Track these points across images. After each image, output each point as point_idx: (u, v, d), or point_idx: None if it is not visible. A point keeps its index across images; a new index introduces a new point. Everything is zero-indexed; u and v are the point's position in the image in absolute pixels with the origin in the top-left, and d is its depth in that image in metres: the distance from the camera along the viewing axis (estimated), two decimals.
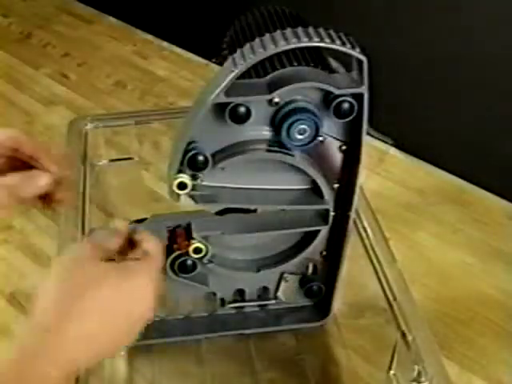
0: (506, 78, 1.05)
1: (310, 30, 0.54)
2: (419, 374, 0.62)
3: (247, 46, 0.54)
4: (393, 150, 1.23)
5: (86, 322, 0.44)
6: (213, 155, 0.60)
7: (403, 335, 0.66)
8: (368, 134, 0.60)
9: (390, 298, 0.69)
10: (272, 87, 0.56)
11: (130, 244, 0.53)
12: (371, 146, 1.19)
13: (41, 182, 0.56)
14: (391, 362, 0.68)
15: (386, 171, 1.18)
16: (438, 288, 0.97)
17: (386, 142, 1.23)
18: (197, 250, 0.68)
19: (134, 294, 0.47)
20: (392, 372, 0.69)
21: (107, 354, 0.48)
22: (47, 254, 1.00)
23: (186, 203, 0.64)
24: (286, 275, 0.76)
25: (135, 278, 0.48)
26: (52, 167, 0.57)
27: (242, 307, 0.80)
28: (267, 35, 0.54)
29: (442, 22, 1.07)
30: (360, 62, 0.55)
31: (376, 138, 1.22)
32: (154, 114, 0.98)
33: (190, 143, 0.59)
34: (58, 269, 0.47)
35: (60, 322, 0.44)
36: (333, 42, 0.53)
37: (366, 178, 0.75)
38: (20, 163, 0.57)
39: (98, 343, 0.45)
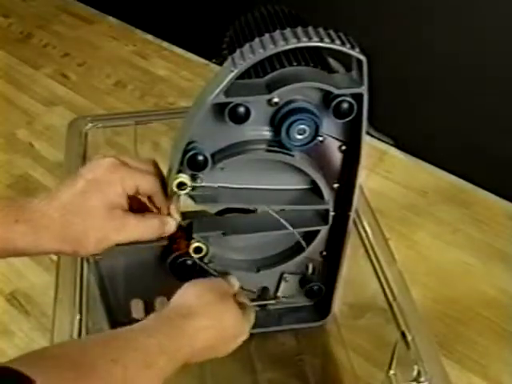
0: (506, 78, 1.05)
1: (310, 29, 0.54)
2: (419, 373, 0.62)
3: (247, 45, 0.54)
4: (393, 150, 1.23)
5: (212, 327, 0.56)
6: (212, 155, 0.60)
7: (403, 335, 0.66)
8: (368, 133, 0.60)
9: (390, 297, 0.69)
10: (271, 87, 0.56)
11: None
12: (371, 145, 1.19)
13: (171, 229, 0.63)
14: (391, 361, 0.68)
15: (386, 171, 1.18)
16: (438, 288, 0.97)
17: (386, 142, 1.23)
18: (197, 250, 0.68)
19: (240, 334, 0.61)
20: (392, 372, 0.69)
21: (205, 358, 0.58)
22: (47, 255, 1.00)
23: (185, 203, 0.64)
24: (285, 275, 0.76)
25: (245, 324, 0.62)
26: (175, 215, 0.64)
27: None
28: (267, 35, 0.54)
29: (443, 22, 1.07)
30: (360, 62, 0.54)
31: (376, 137, 1.22)
32: (154, 114, 0.98)
33: (189, 143, 0.58)
34: (206, 285, 0.60)
35: (195, 315, 0.55)
36: (332, 41, 0.53)
37: (365, 178, 0.75)
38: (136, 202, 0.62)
39: (210, 347, 0.57)
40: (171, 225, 0.63)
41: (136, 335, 0.50)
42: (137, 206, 0.62)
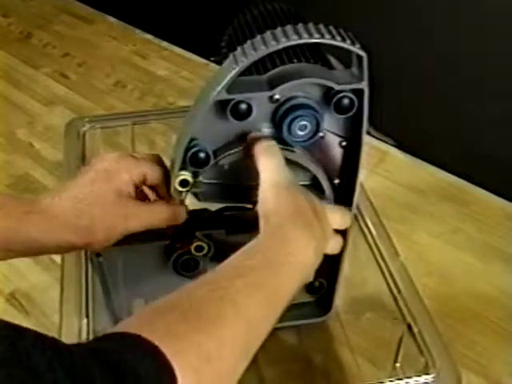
0: (505, 78, 1.05)
1: (311, 26, 0.54)
2: (427, 365, 0.61)
3: (248, 43, 0.54)
4: (393, 150, 1.23)
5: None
6: (214, 152, 0.60)
7: (409, 327, 0.65)
8: (369, 134, 0.61)
9: (395, 290, 0.69)
10: (273, 84, 0.56)
11: None
12: (372, 146, 1.19)
13: (181, 216, 0.63)
14: (397, 353, 0.68)
15: (387, 171, 1.18)
16: (438, 288, 0.96)
17: (387, 143, 1.23)
18: (198, 249, 0.68)
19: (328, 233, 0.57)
20: (398, 364, 0.68)
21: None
22: (47, 255, 1.00)
23: (188, 201, 0.64)
24: None
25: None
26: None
27: None
28: (268, 32, 0.54)
29: (443, 22, 1.07)
30: (360, 58, 0.55)
31: (377, 138, 1.22)
32: (152, 114, 0.98)
33: (191, 140, 0.58)
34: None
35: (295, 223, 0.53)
36: (333, 38, 0.53)
37: (366, 178, 0.75)
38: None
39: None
40: (181, 211, 0.63)
41: (241, 258, 0.49)
42: (143, 198, 0.63)
